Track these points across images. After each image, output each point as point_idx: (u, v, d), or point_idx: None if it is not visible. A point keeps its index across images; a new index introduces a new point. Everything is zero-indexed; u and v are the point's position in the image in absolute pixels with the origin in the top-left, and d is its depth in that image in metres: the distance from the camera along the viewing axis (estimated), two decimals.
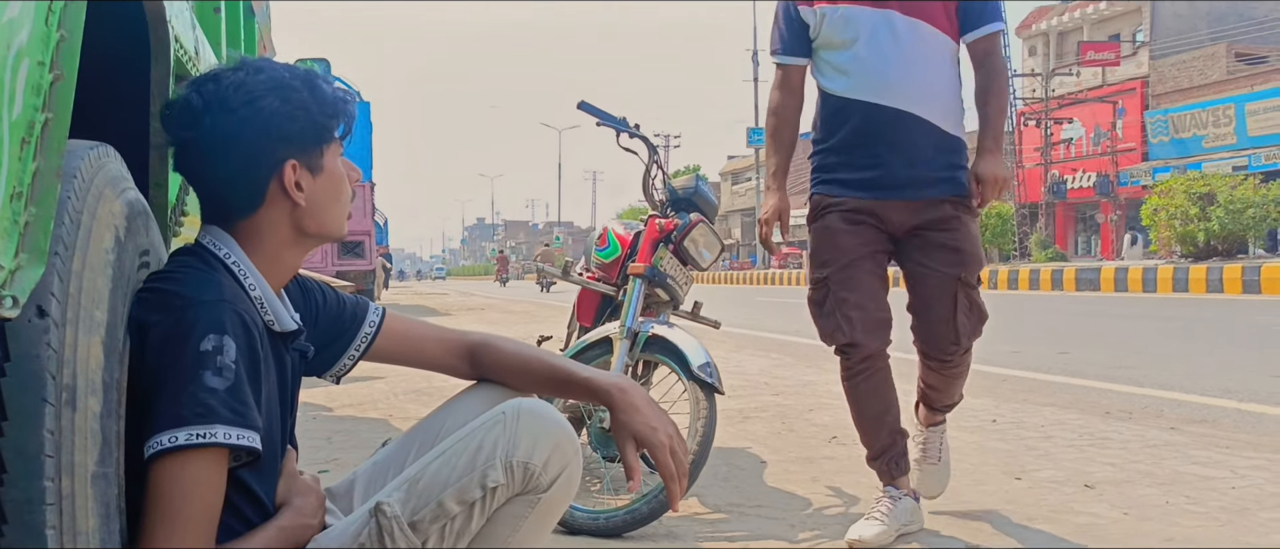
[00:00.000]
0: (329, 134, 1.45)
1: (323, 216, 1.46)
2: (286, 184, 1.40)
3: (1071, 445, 3.92)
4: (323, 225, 1.47)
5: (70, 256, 1.07)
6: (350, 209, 1.55)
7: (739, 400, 5.09)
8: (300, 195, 1.41)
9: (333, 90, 1.47)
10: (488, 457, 1.41)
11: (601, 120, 3.36)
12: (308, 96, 1.41)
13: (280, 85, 1.40)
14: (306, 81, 1.44)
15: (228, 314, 1.27)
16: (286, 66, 1.47)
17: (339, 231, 1.50)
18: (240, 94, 1.38)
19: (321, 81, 1.47)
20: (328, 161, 1.45)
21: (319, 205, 1.44)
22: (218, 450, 1.23)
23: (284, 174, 1.39)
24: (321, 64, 7.69)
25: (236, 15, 2.94)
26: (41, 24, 0.95)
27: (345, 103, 1.48)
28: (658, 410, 1.60)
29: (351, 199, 1.54)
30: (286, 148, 1.40)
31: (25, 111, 0.91)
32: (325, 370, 1.65)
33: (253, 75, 1.40)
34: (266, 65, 1.44)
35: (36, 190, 0.94)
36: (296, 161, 1.40)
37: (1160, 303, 13.96)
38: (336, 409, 5.16)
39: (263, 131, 1.37)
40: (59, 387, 1.02)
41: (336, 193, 1.47)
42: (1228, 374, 5.89)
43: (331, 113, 1.44)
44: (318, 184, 1.44)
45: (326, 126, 1.44)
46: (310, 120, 1.41)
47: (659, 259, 3.16)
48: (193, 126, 1.37)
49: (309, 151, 1.42)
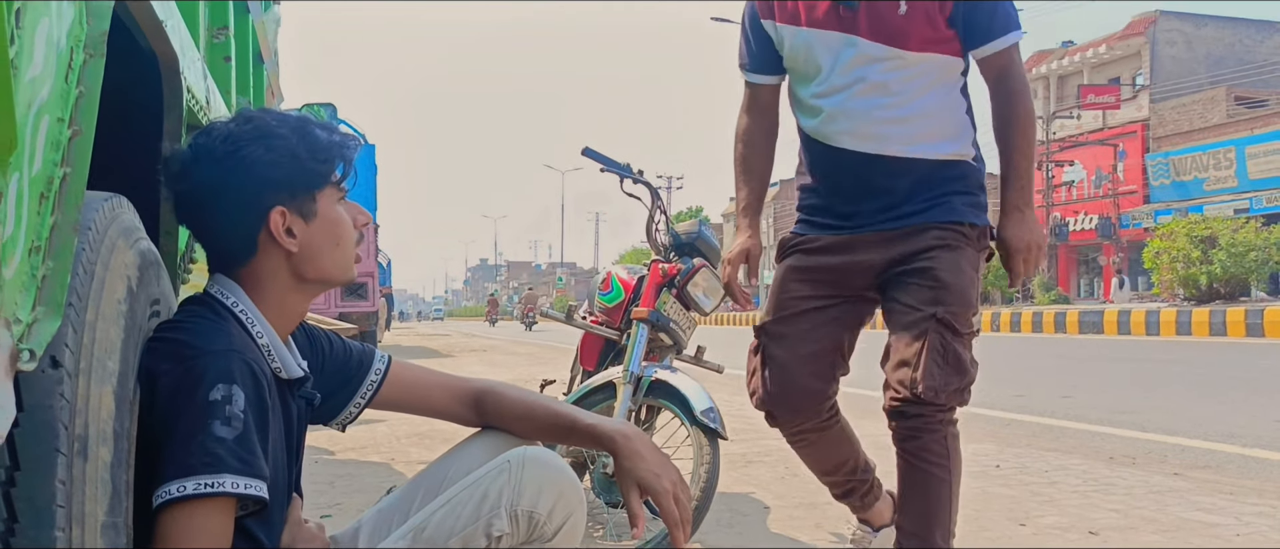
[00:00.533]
0: (321, 179, 1.44)
1: (320, 262, 1.46)
2: (274, 231, 1.41)
3: (1076, 491, 3.91)
4: (322, 270, 1.47)
5: (84, 307, 1.08)
6: (357, 252, 1.54)
7: (742, 445, 5.08)
8: (292, 242, 1.42)
9: (327, 135, 1.47)
10: (493, 505, 1.42)
11: (605, 167, 3.39)
12: (295, 143, 1.42)
13: (265, 134, 1.42)
14: (297, 128, 1.44)
15: (236, 364, 1.29)
16: (279, 115, 1.48)
17: (343, 276, 1.50)
18: (226, 144, 1.41)
19: (316, 127, 1.47)
20: (321, 206, 1.45)
21: (314, 251, 1.44)
22: (225, 500, 1.24)
23: (271, 221, 1.40)
24: (328, 108, 7.75)
25: (246, 64, 2.98)
26: (61, 80, 0.97)
27: (340, 147, 1.47)
28: (661, 456, 1.61)
29: (359, 242, 1.54)
30: (273, 194, 1.41)
31: (45, 167, 0.93)
32: (331, 418, 1.66)
33: (241, 126, 1.43)
34: (258, 115, 1.46)
35: (54, 244, 0.96)
36: (285, 208, 1.41)
37: (1163, 346, 13.93)
38: (339, 453, 5.15)
39: (247, 179, 1.39)
40: (71, 437, 1.03)
41: (334, 237, 1.46)
42: (1231, 418, 5.87)
43: (324, 158, 1.44)
44: (311, 229, 1.44)
45: (317, 172, 1.44)
46: (298, 166, 1.42)
47: (662, 304, 3.17)
48: (185, 178, 1.41)
49: (298, 197, 1.42)
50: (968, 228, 2.21)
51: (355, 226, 1.51)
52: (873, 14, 2.12)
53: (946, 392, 2.09)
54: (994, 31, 2.11)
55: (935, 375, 2.07)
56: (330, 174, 1.46)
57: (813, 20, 2.19)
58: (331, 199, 1.47)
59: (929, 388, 2.07)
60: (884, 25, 2.12)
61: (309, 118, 1.48)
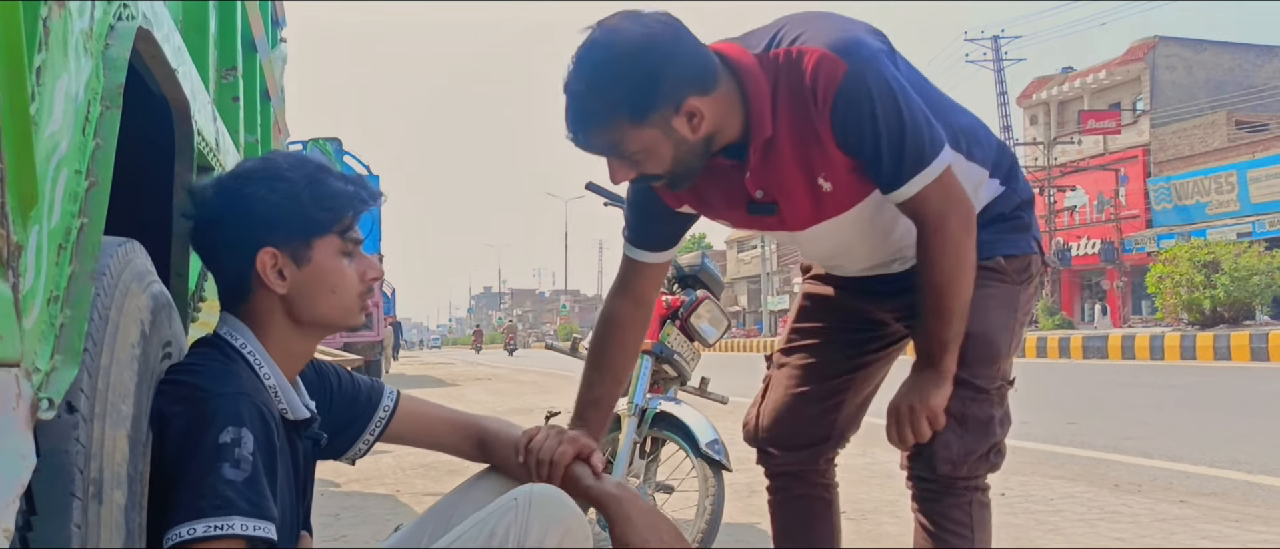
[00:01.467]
0: (319, 227, 1.44)
1: (314, 307, 1.46)
2: (261, 270, 1.42)
3: (1081, 519, 3.90)
4: (316, 315, 1.47)
5: (99, 352, 1.10)
6: (364, 304, 1.51)
7: (747, 475, 5.05)
8: (281, 284, 1.43)
9: (342, 185, 1.47)
10: (500, 543, 1.43)
11: (609, 200, 3.41)
12: (301, 188, 1.43)
13: (273, 175, 1.44)
14: (310, 174, 1.45)
15: (246, 406, 1.31)
16: (300, 160, 1.50)
17: (341, 321, 1.49)
18: (234, 180, 1.45)
19: (332, 177, 1.48)
20: (316, 253, 1.44)
21: (305, 295, 1.45)
22: (235, 541, 1.25)
23: (260, 260, 1.42)
24: (333, 143, 7.80)
25: (254, 103, 3.02)
26: (79, 133, 1.00)
27: (349, 199, 1.47)
28: (652, 520, 1.59)
29: (366, 294, 1.52)
30: (267, 234, 1.42)
31: (63, 219, 0.95)
32: (342, 453, 1.68)
33: (257, 164, 1.47)
34: (277, 157, 1.50)
35: (71, 293, 0.98)
36: (277, 249, 1.43)
37: (1168, 371, 13.90)
38: (344, 485, 5.15)
39: (243, 217, 1.42)
40: (86, 481, 1.05)
41: (328, 285, 1.46)
42: (1237, 445, 5.86)
43: (328, 206, 1.45)
44: (304, 274, 1.44)
45: (317, 220, 1.44)
46: (298, 210, 1.43)
47: (666, 336, 3.18)
48: (200, 206, 1.46)
49: (293, 241, 1.43)
50: (999, 261, 1.86)
51: (363, 280, 1.50)
52: (796, 206, 1.79)
53: (969, 462, 1.79)
54: (901, 177, 1.67)
55: (954, 446, 1.77)
56: (332, 222, 1.45)
57: (736, 223, 1.89)
58: (331, 248, 1.46)
59: (946, 460, 1.78)
60: (809, 209, 1.78)
61: (328, 167, 1.50)
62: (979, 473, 1.84)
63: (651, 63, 1.55)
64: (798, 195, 1.74)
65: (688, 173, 1.69)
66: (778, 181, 1.73)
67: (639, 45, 1.55)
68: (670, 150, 1.62)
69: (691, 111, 1.59)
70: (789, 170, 1.71)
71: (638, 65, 1.54)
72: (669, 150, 1.62)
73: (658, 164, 1.64)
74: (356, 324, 1.52)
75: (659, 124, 1.58)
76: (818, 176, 1.71)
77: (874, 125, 1.61)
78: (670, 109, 1.58)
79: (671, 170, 1.66)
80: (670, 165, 1.65)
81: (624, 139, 1.60)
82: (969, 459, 1.79)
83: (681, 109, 1.58)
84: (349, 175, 1.52)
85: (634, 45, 1.55)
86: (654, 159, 1.63)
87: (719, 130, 1.66)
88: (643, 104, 1.56)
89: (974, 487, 1.84)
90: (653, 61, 1.55)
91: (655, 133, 1.59)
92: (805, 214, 1.78)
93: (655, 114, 1.57)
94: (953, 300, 1.71)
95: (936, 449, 1.78)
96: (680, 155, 1.63)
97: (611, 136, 1.60)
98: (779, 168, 1.71)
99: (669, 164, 1.64)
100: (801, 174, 1.71)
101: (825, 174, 1.71)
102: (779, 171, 1.71)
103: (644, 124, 1.58)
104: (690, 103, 1.59)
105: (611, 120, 1.57)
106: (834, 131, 1.65)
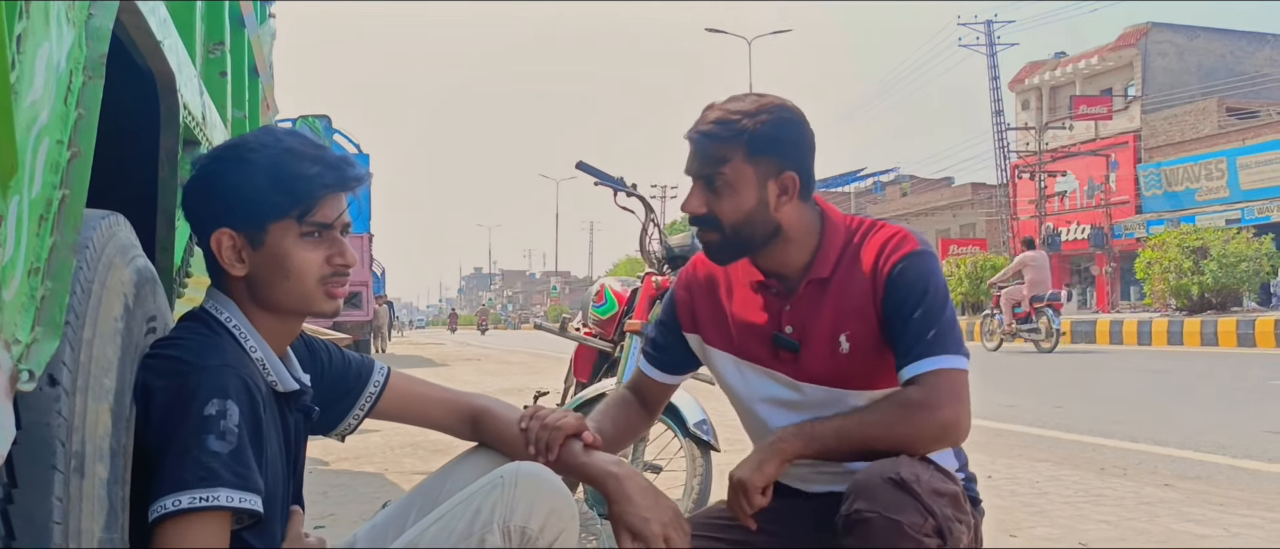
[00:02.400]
0: (277, 211, 1.41)
1: (271, 291, 1.43)
2: (215, 249, 1.42)
3: (1067, 502, 3.92)
4: (274, 300, 1.44)
5: (81, 326, 1.10)
6: (330, 290, 1.47)
7: (735, 456, 5.08)
8: (240, 266, 1.43)
9: (307, 170, 1.42)
10: (485, 521, 1.43)
11: (599, 179, 3.40)
12: (261, 171, 1.40)
13: (237, 157, 1.43)
14: (276, 157, 1.41)
15: (231, 379, 1.30)
16: (269, 138, 1.46)
17: (301, 306, 1.46)
18: (208, 157, 1.47)
19: (303, 161, 1.43)
20: (271, 238, 1.41)
21: (261, 280, 1.43)
22: (221, 513, 1.25)
23: (215, 240, 1.42)
24: (322, 120, 7.76)
25: (242, 78, 3.00)
26: (61, 103, 0.98)
27: (311, 181, 1.41)
28: (652, 498, 1.59)
29: (331, 278, 1.47)
30: (224, 216, 1.42)
31: (44, 189, 0.94)
32: (331, 429, 1.68)
33: (228, 142, 1.48)
34: (253, 138, 1.48)
35: (53, 265, 0.97)
36: (233, 231, 1.42)
37: (1155, 356, 13.97)
38: (333, 463, 5.15)
39: (204, 197, 1.43)
40: (68, 454, 1.04)
41: (282, 271, 1.42)
42: (1222, 430, 5.90)
43: (287, 190, 1.40)
44: (258, 258, 1.42)
45: (274, 202, 1.40)
46: (254, 193, 1.40)
47: (655, 316, 3.18)
48: (188, 182, 1.47)
49: (248, 224, 1.42)
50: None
51: (328, 263, 1.45)
52: (814, 354, 1.78)
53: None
54: (924, 351, 1.66)
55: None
56: (289, 207, 1.41)
57: (746, 353, 1.86)
58: (288, 232, 1.42)
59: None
60: (824, 365, 1.77)
61: (301, 149, 1.44)
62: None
63: (794, 127, 1.74)
64: (821, 345, 1.77)
65: (742, 245, 1.77)
66: (811, 323, 1.78)
67: (796, 115, 1.75)
68: (750, 203, 1.73)
69: (787, 185, 1.73)
70: (824, 316, 1.77)
71: (784, 122, 1.73)
72: (750, 202, 1.72)
73: (732, 210, 1.73)
74: (325, 311, 1.47)
75: (761, 170, 1.72)
76: (843, 333, 1.75)
77: (923, 296, 1.69)
78: (776, 166, 1.72)
79: (735, 227, 1.74)
80: (738, 220, 1.73)
81: (729, 160, 1.71)
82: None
83: (783, 174, 1.72)
84: (327, 157, 1.46)
85: (793, 111, 1.75)
86: (733, 200, 1.73)
87: (788, 237, 1.76)
88: (764, 146, 1.70)
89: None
90: (795, 128, 1.74)
91: (753, 176, 1.72)
92: (820, 367, 1.77)
93: (765, 159, 1.71)
94: (862, 440, 1.64)
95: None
96: (752, 216, 1.73)
97: (723, 151, 1.71)
98: (817, 310, 1.77)
99: (739, 218, 1.73)
100: (831, 324, 1.76)
101: (850, 333, 1.75)
102: (815, 314, 1.77)
103: (751, 162, 1.71)
104: (791, 175, 1.73)
105: (734, 140, 1.71)
106: (885, 287, 1.72)
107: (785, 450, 1.67)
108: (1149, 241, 22.14)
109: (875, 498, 1.52)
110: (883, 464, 1.57)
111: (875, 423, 1.64)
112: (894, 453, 1.60)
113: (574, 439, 1.66)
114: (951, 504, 1.56)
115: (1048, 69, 39.45)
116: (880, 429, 1.63)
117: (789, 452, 1.67)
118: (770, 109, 1.72)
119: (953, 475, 1.67)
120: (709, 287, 1.92)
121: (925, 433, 1.63)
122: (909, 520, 1.50)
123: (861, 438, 1.64)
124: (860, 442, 1.64)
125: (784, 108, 1.75)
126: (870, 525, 1.51)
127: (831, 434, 1.66)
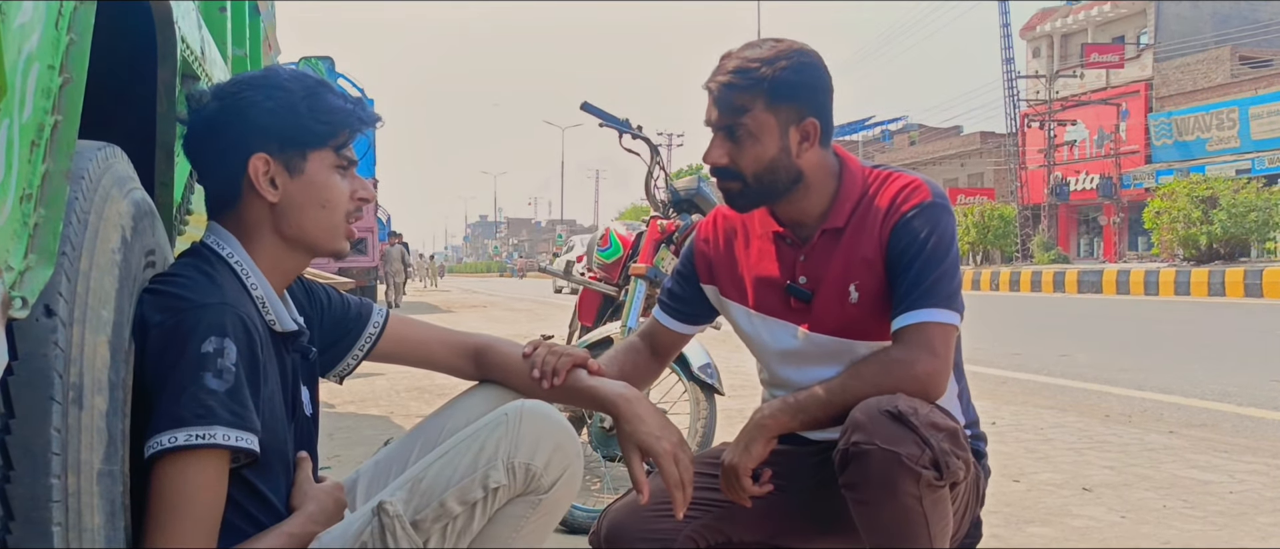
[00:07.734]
0: (316, 138, 1.43)
1: (301, 220, 1.44)
2: (252, 175, 1.41)
3: (1070, 448, 3.93)
4: (303, 230, 1.45)
5: (77, 257, 1.08)
6: (351, 228, 1.50)
7: (738, 400, 5.10)
8: (273, 192, 1.42)
9: (340, 103, 1.46)
10: (490, 458, 1.42)
11: (604, 121, 3.37)
12: (299, 99, 1.42)
13: (273, 85, 1.43)
14: (309, 88, 1.44)
15: (229, 317, 1.29)
16: (297, 72, 1.48)
17: (329, 242, 1.47)
18: (234, 84, 1.45)
19: (331, 94, 1.46)
20: (310, 167, 1.43)
21: (294, 207, 1.43)
22: (218, 451, 1.24)
23: (252, 165, 1.40)
24: (325, 62, 7.68)
25: (242, 14, 2.95)
26: (51, 28, 0.96)
27: (348, 116, 1.45)
28: (662, 420, 1.62)
29: (355, 216, 1.50)
30: (261, 140, 1.41)
31: (35, 114, 0.92)
32: (329, 370, 1.67)
33: (255, 73, 1.46)
34: (279, 69, 1.48)
35: (46, 192, 0.95)
36: (269, 156, 1.41)
37: (1162, 305, 13.96)
38: (338, 406, 5.18)
39: (239, 119, 1.41)
40: (66, 385, 1.03)
41: (318, 200, 1.44)
42: (1227, 378, 5.90)
43: (325, 120, 1.43)
44: (296, 185, 1.43)
45: (314, 131, 1.43)
46: (295, 120, 1.41)
47: (660, 260, 3.17)
48: (193, 113, 1.44)
49: (287, 150, 1.42)
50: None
51: (352, 198, 1.48)
52: (824, 304, 1.77)
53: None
54: (917, 302, 1.65)
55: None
56: (328, 137, 1.44)
57: (761, 304, 1.85)
58: (326, 162, 1.45)
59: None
60: (834, 315, 1.76)
61: (329, 84, 1.47)
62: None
63: (813, 71, 1.71)
64: (832, 294, 1.76)
65: (764, 193, 1.74)
66: (824, 273, 1.77)
67: (814, 59, 1.72)
68: (773, 151, 1.70)
69: (808, 132, 1.71)
70: (836, 266, 1.75)
71: (803, 67, 1.69)
72: (772, 150, 1.70)
73: (754, 159, 1.71)
74: (341, 250, 1.49)
75: (782, 117, 1.69)
76: (852, 283, 1.74)
77: (927, 243, 1.68)
78: (797, 113, 1.70)
79: (758, 176, 1.72)
80: (760, 169, 1.71)
81: (749, 109, 1.68)
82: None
83: (804, 121, 1.70)
84: (347, 97, 1.49)
85: (811, 56, 1.72)
86: (755, 150, 1.70)
87: (809, 185, 1.74)
88: (785, 93, 1.68)
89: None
90: (814, 72, 1.71)
91: (774, 124, 1.69)
92: (831, 316, 1.76)
93: (786, 106, 1.68)
94: (845, 402, 1.61)
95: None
96: (774, 164, 1.71)
97: (743, 100, 1.68)
98: (830, 260, 1.76)
99: (761, 167, 1.71)
100: (842, 274, 1.75)
101: (860, 283, 1.74)
102: (829, 263, 1.76)
103: (772, 110, 1.68)
104: (813, 122, 1.71)
105: (754, 88, 1.68)
106: (891, 237, 1.71)
107: (770, 427, 1.68)
108: (1158, 191, 22.04)
109: (873, 431, 1.52)
110: (881, 399, 1.56)
111: (858, 385, 1.63)
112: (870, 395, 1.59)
113: (579, 368, 1.68)
114: (949, 439, 1.55)
115: (1059, 16, 39.00)
116: (865, 389, 1.61)
117: (774, 427, 1.68)
118: (788, 54, 1.69)
119: (951, 413, 1.66)
120: (727, 238, 1.91)
121: (903, 388, 1.60)
122: (906, 452, 1.50)
123: (844, 401, 1.62)
124: (843, 405, 1.62)
125: (802, 52, 1.71)
126: (868, 457, 1.52)
127: (816, 403, 1.66)
